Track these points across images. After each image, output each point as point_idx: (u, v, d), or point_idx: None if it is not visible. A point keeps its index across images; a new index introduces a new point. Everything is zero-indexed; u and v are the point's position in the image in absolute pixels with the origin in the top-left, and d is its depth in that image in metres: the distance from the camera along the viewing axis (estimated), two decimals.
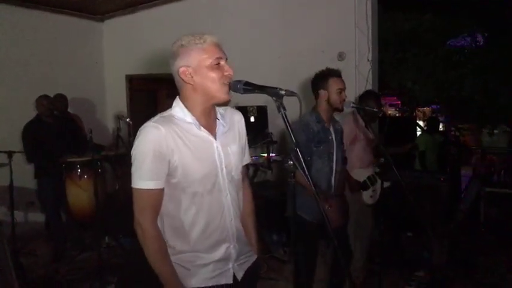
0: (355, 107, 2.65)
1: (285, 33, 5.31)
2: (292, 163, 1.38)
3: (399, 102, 12.58)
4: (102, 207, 4.03)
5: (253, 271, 1.66)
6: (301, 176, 1.42)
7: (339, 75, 2.67)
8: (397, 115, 11.90)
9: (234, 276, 1.55)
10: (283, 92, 1.37)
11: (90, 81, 6.14)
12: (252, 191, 1.78)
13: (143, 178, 1.40)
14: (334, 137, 2.69)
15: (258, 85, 1.42)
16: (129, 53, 6.06)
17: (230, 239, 1.54)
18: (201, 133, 1.48)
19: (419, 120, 11.66)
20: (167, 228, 1.50)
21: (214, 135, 1.51)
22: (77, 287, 3.56)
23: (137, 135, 1.43)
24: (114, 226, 4.25)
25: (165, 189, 1.45)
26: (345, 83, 2.68)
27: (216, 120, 1.55)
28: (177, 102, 1.51)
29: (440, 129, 9.36)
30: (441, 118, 11.40)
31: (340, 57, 4.97)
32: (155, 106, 6.50)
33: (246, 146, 1.69)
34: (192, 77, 1.43)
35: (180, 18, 5.54)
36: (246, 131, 1.68)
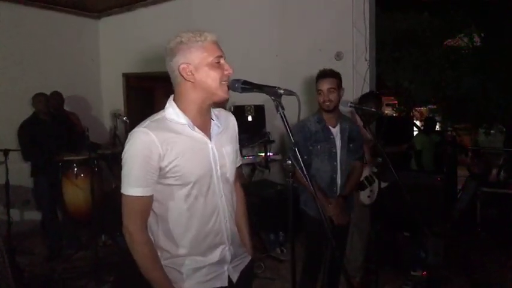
0: (353, 107, 2.65)
1: (282, 32, 5.30)
2: (290, 162, 1.37)
3: (396, 101, 12.58)
4: (99, 206, 4.02)
5: (248, 272, 1.65)
6: (301, 175, 1.42)
7: (321, 75, 2.62)
8: (394, 115, 11.92)
9: (229, 279, 1.54)
10: (281, 91, 1.36)
11: (87, 79, 6.11)
12: (245, 191, 1.76)
13: (131, 185, 1.39)
14: (338, 136, 2.68)
15: (256, 84, 1.41)
16: (126, 51, 6.03)
17: (225, 241, 1.52)
18: (196, 134, 1.45)
19: (416, 120, 11.71)
20: (161, 232, 1.47)
21: (209, 136, 1.49)
22: (73, 285, 3.55)
23: (128, 139, 1.41)
24: (110, 225, 4.23)
25: (159, 193, 1.43)
26: (331, 82, 2.58)
27: (211, 121, 1.54)
28: (170, 103, 1.48)
29: (436, 129, 9.41)
30: (438, 118, 11.44)
31: (338, 56, 4.96)
32: (152, 104, 6.47)
33: (238, 148, 1.67)
34: (193, 75, 1.41)
35: (177, 16, 5.52)
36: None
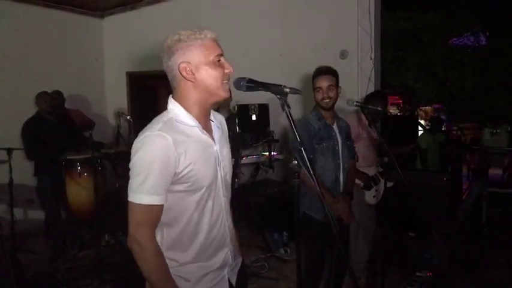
0: (359, 106, 2.62)
1: (287, 30, 5.27)
2: (296, 162, 1.34)
3: (400, 101, 12.52)
4: (102, 205, 4.01)
5: (242, 272, 1.62)
6: (306, 175, 1.38)
7: (319, 72, 2.58)
8: (399, 114, 11.86)
9: (229, 282, 1.51)
10: (287, 89, 1.33)
11: (90, 78, 6.11)
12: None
13: (148, 192, 1.28)
14: (338, 134, 2.66)
15: (261, 82, 1.39)
16: (130, 50, 6.03)
17: (228, 243, 1.50)
18: (204, 137, 1.41)
19: (421, 120, 11.64)
20: (167, 240, 1.40)
21: (212, 138, 1.46)
22: (76, 284, 3.54)
23: (140, 143, 1.31)
24: (113, 224, 4.23)
25: (169, 200, 1.35)
26: (330, 80, 2.54)
27: (211, 122, 1.50)
28: (173, 104, 1.42)
29: (442, 129, 9.34)
30: (443, 117, 11.37)
31: (343, 55, 4.93)
32: (156, 103, 6.44)
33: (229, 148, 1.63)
34: (193, 74, 1.37)
35: (180, 14, 5.51)
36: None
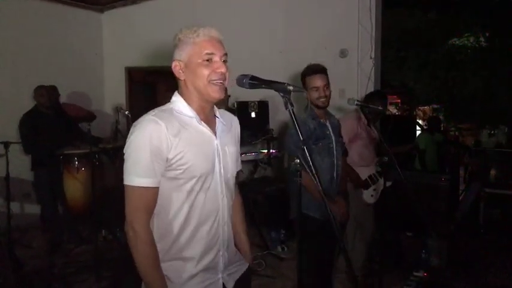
0: (359, 105, 2.61)
1: (287, 28, 5.25)
2: (298, 161, 1.32)
3: (399, 100, 12.54)
4: (99, 200, 3.99)
5: (245, 280, 1.59)
6: (306, 175, 1.37)
7: (315, 71, 2.52)
8: (397, 113, 11.89)
9: (224, 287, 1.48)
10: (291, 87, 1.31)
11: (89, 73, 6.06)
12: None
13: (140, 175, 1.29)
14: (331, 131, 2.64)
15: (265, 80, 1.37)
16: (129, 45, 5.99)
17: (220, 245, 1.46)
18: (202, 128, 1.41)
19: (419, 119, 11.66)
20: (156, 231, 1.38)
21: (214, 132, 1.45)
22: (73, 279, 3.52)
23: (133, 129, 1.33)
24: (111, 219, 4.21)
25: (160, 186, 1.35)
26: (325, 78, 2.51)
27: (216, 118, 1.50)
28: (176, 96, 1.44)
29: (440, 129, 9.35)
30: (441, 117, 11.40)
31: (343, 54, 4.92)
32: (154, 99, 6.42)
33: (239, 152, 1.61)
34: (182, 73, 1.38)
35: (181, 10, 5.48)
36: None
